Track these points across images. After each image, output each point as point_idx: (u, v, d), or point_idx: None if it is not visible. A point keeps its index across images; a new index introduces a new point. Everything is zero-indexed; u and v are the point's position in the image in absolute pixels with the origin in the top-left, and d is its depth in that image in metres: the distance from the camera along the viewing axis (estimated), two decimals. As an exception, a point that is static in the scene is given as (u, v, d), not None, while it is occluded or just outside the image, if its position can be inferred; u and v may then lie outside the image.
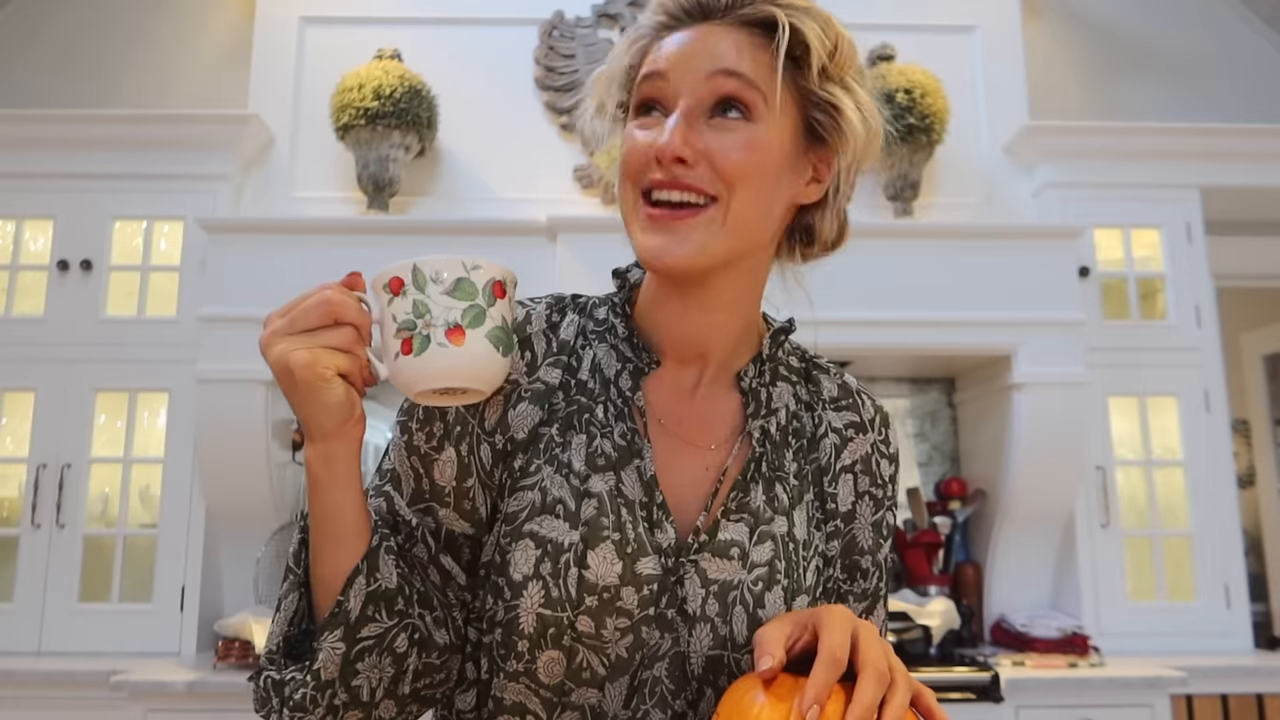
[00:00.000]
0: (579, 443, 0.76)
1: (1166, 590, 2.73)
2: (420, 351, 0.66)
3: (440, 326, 0.66)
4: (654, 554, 0.73)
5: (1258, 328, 3.87)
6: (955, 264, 2.63)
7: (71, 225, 2.74)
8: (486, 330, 0.67)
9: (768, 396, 0.82)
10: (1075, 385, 2.60)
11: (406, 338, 0.66)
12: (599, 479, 0.75)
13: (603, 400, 0.78)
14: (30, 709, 2.33)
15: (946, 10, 3.06)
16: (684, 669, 0.73)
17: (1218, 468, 2.78)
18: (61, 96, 3.08)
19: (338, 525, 0.71)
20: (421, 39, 2.94)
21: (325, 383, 0.65)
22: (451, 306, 0.66)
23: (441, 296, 0.66)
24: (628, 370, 0.80)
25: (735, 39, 0.73)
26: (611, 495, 0.74)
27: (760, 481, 0.79)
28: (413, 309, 0.66)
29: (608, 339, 0.81)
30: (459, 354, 0.66)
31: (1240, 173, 2.89)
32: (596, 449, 0.76)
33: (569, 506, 0.73)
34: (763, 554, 0.76)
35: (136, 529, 2.65)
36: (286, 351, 0.65)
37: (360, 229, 2.62)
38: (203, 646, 2.56)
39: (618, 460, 0.76)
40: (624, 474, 0.76)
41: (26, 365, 2.67)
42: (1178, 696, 2.41)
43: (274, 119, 2.87)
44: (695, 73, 0.73)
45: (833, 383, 0.87)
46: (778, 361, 0.85)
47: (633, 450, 0.76)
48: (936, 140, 2.80)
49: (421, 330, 0.66)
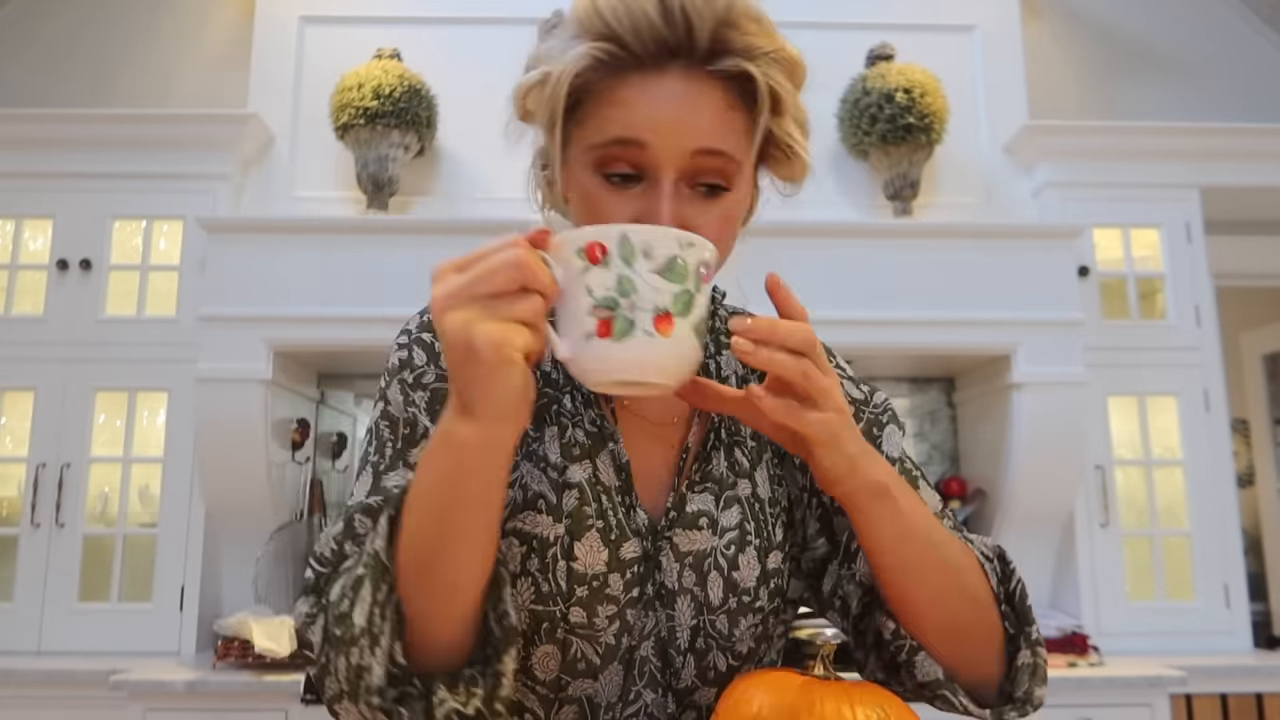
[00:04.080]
0: (551, 434, 0.76)
1: (1166, 590, 2.73)
2: (622, 337, 0.57)
3: (648, 311, 0.57)
4: (634, 537, 0.74)
5: (1257, 327, 3.87)
6: (955, 264, 2.63)
7: (71, 225, 2.74)
8: (694, 320, 0.59)
9: (716, 366, 0.84)
10: (1075, 385, 2.60)
11: (606, 319, 0.57)
12: (577, 468, 0.75)
13: (568, 390, 0.78)
14: (30, 709, 2.33)
15: (946, 10, 3.06)
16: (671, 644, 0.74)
17: (1217, 467, 2.78)
18: (61, 96, 3.08)
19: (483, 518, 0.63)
20: (421, 39, 2.94)
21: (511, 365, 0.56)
22: (661, 289, 0.57)
23: (651, 275, 0.57)
24: None
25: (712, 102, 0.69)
26: (591, 483, 0.74)
27: (720, 449, 0.79)
28: (616, 285, 0.57)
29: None
30: (665, 345, 0.58)
31: (1240, 172, 2.89)
32: (570, 439, 0.76)
33: (550, 500, 0.73)
34: (731, 518, 0.77)
35: (136, 529, 2.64)
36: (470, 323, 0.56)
37: (360, 229, 2.62)
38: (202, 646, 2.56)
39: (591, 448, 0.76)
40: (599, 461, 0.76)
41: (26, 365, 2.67)
42: (1177, 696, 2.41)
43: (274, 118, 2.87)
44: (678, 148, 0.68)
45: None
46: (717, 331, 0.86)
47: (605, 435, 0.77)
48: (936, 140, 2.80)
49: (625, 312, 0.57)
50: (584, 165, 0.71)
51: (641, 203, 0.70)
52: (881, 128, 2.75)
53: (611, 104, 0.69)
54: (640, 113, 0.68)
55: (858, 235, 2.68)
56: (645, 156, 0.69)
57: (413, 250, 2.56)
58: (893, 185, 2.83)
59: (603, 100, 0.70)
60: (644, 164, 0.69)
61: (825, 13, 3.02)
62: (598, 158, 0.70)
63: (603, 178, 0.71)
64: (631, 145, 0.69)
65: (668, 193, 0.69)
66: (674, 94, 0.68)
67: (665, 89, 0.68)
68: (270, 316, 2.52)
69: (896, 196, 2.84)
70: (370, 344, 2.49)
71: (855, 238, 2.66)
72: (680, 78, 0.68)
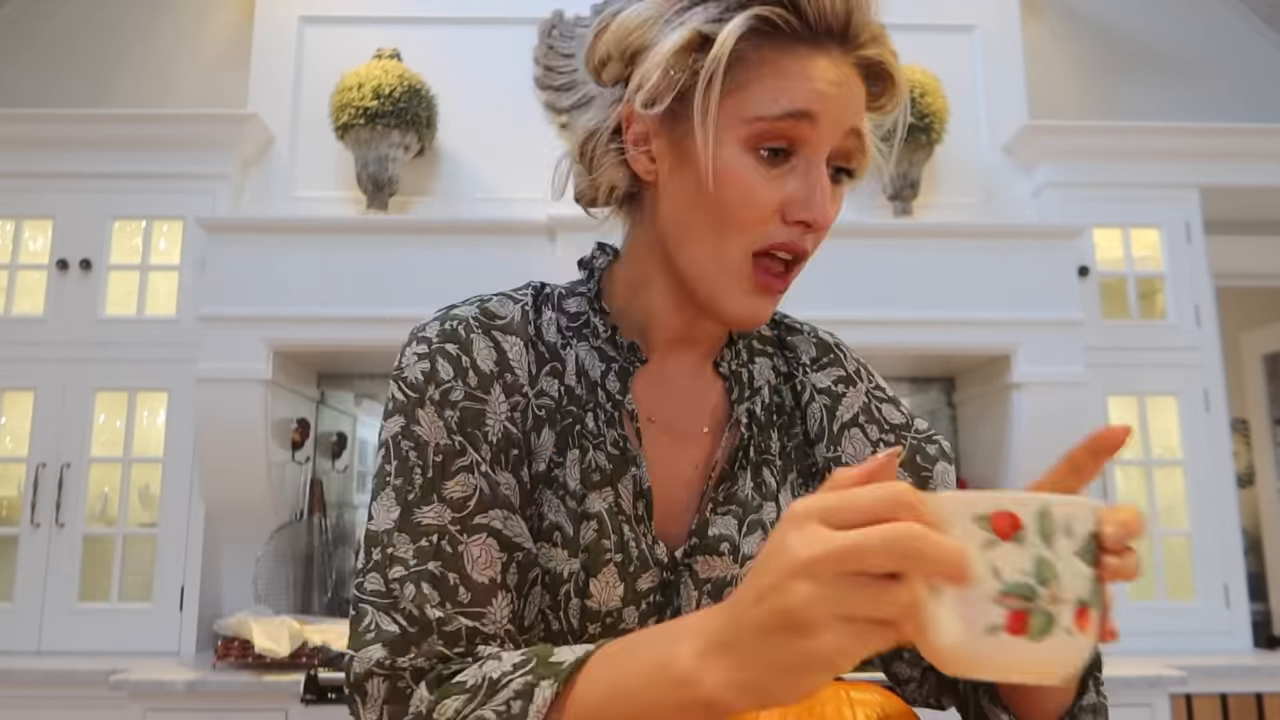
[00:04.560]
0: (573, 459, 0.71)
1: (1166, 589, 2.73)
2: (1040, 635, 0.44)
3: (1070, 604, 0.45)
4: (655, 567, 0.71)
5: (1257, 327, 3.87)
6: (955, 264, 2.63)
7: (71, 225, 2.73)
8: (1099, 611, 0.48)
9: (749, 376, 0.79)
10: (1075, 385, 2.60)
11: (1019, 611, 0.44)
12: (596, 496, 0.70)
13: (591, 407, 0.73)
14: (29, 709, 2.33)
15: (946, 9, 3.05)
16: None
17: (1217, 467, 2.78)
18: (60, 96, 3.08)
19: None
20: (421, 38, 2.93)
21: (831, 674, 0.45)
22: (1081, 575, 0.46)
23: (1073, 559, 0.46)
24: (614, 370, 0.75)
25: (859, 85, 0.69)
26: (611, 513, 0.70)
27: (748, 468, 0.75)
28: (1034, 570, 0.44)
29: (588, 338, 0.76)
30: (1083, 647, 0.46)
31: (1240, 172, 2.89)
32: (590, 463, 0.71)
33: (566, 532, 0.69)
34: (753, 545, 0.73)
35: (136, 528, 2.64)
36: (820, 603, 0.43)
37: (360, 229, 2.62)
38: (202, 646, 2.56)
39: (613, 473, 0.71)
40: (620, 487, 0.71)
41: (26, 365, 2.67)
42: (1177, 696, 2.41)
43: (273, 118, 2.87)
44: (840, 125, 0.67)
45: (808, 342, 0.83)
46: (750, 337, 0.82)
47: (627, 459, 0.72)
48: (936, 140, 2.79)
49: (1044, 605, 0.44)
50: (735, 140, 0.66)
51: (796, 182, 0.67)
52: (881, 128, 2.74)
53: (780, 75, 0.66)
54: (814, 85, 0.66)
55: (858, 235, 2.68)
56: (812, 132, 0.66)
57: (413, 250, 2.56)
58: (892, 185, 2.83)
59: (766, 71, 0.66)
60: (807, 139, 0.66)
61: (825, 13, 3.02)
62: (760, 131, 0.66)
63: (755, 155, 0.66)
64: (804, 119, 0.66)
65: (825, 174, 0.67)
66: (837, 70, 0.67)
67: (831, 64, 0.67)
68: (270, 316, 2.52)
69: (896, 196, 2.84)
70: (370, 344, 2.49)
71: (855, 238, 2.66)
72: (835, 57, 0.67)
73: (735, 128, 0.66)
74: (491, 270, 2.40)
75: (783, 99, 0.65)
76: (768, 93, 0.66)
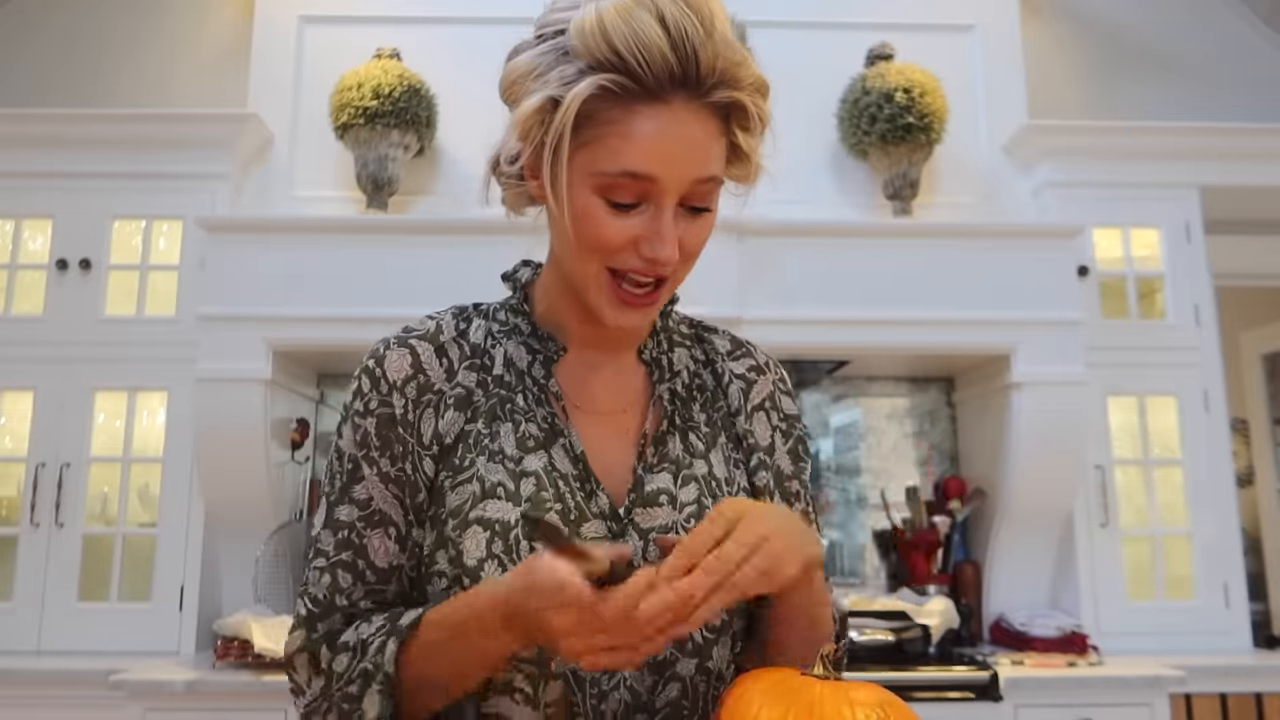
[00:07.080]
0: (506, 430, 0.81)
1: (1165, 589, 2.73)
2: None
3: None
4: (596, 519, 0.78)
5: (1257, 327, 3.87)
6: (954, 263, 2.63)
7: (70, 224, 2.73)
8: None
9: (669, 362, 0.89)
10: (1074, 384, 2.60)
11: None
12: (533, 458, 0.80)
13: (520, 390, 0.83)
14: (29, 708, 2.33)
15: (945, 9, 3.06)
16: None
17: (1217, 467, 2.78)
18: (60, 95, 3.08)
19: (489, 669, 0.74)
20: (421, 38, 2.94)
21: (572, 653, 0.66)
22: None
23: None
24: (539, 360, 0.85)
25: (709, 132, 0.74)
26: (547, 470, 0.79)
27: (675, 433, 0.85)
28: None
29: (515, 336, 0.86)
30: None
31: (1240, 172, 2.89)
32: (524, 433, 0.81)
33: (509, 488, 0.78)
34: (689, 494, 0.82)
35: (135, 528, 2.64)
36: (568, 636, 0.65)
37: (359, 228, 2.62)
38: (202, 645, 2.56)
39: (545, 440, 0.81)
40: (553, 452, 0.81)
41: (25, 364, 2.67)
42: (1177, 695, 2.41)
43: (273, 118, 2.87)
44: (682, 178, 0.73)
45: (723, 340, 0.94)
46: (670, 331, 0.92)
47: (555, 431, 0.82)
48: (935, 139, 2.80)
49: None
50: (586, 187, 0.74)
51: (643, 225, 0.74)
52: (881, 127, 2.75)
53: (621, 136, 0.72)
54: (652, 148, 0.72)
55: (857, 235, 2.68)
56: (653, 188, 0.73)
57: (413, 250, 2.56)
58: (892, 185, 2.83)
59: (611, 130, 0.72)
60: (650, 194, 0.74)
61: (825, 12, 3.02)
62: (604, 184, 0.73)
63: (605, 201, 0.74)
64: (642, 179, 0.72)
65: (670, 219, 0.74)
66: (681, 126, 0.72)
67: (673, 122, 0.72)
68: (270, 316, 2.52)
69: (896, 196, 2.84)
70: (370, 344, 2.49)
71: (855, 237, 2.67)
72: (683, 108, 0.72)
73: (585, 178, 0.74)
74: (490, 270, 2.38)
75: (623, 159, 0.72)
76: (610, 152, 0.72)
